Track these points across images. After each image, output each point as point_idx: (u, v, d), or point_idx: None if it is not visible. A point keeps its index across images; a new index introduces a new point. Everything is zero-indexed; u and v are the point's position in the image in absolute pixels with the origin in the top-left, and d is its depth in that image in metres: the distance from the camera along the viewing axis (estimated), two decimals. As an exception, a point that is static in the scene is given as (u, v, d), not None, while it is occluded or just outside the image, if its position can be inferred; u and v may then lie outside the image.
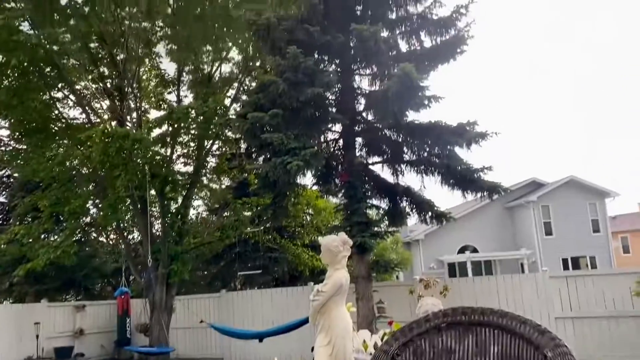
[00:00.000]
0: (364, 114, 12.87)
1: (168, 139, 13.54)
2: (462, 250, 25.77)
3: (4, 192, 19.04)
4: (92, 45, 13.32)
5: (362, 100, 12.87)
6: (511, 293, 11.66)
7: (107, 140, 11.32)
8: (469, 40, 11.65)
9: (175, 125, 13.10)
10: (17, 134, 13.71)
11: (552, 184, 26.28)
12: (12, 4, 11.92)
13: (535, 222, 25.00)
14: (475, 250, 25.67)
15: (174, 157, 14.59)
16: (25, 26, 11.91)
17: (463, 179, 11.59)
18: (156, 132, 13.49)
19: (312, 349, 4.19)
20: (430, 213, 12.54)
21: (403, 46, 12.44)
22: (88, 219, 16.58)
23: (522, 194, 25.77)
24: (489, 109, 57.98)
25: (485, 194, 11.70)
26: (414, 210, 12.84)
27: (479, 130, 11.03)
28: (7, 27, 10.61)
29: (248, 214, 17.01)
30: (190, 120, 12.75)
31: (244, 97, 14.50)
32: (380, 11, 12.21)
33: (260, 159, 12.90)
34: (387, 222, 13.41)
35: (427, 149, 12.09)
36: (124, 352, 15.31)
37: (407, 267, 26.06)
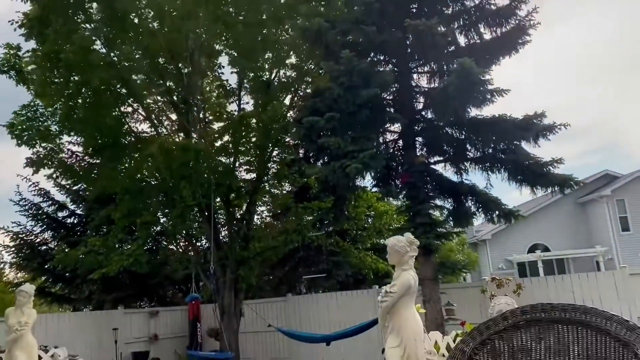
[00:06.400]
0: (423, 113, 12.67)
1: (230, 149, 13.87)
2: (532, 250, 24.73)
3: (80, 205, 20.16)
4: (159, 60, 13.92)
5: (421, 99, 12.69)
6: (587, 293, 11.07)
7: (168, 153, 11.78)
8: (531, 29, 11.23)
9: (237, 135, 13.41)
10: (90, 149, 14.50)
11: (627, 176, 24.74)
12: (87, 25, 12.65)
13: (610, 217, 23.63)
14: (546, 249, 24.57)
15: (237, 165, 14.92)
16: (97, 45, 12.62)
17: (532, 174, 11.15)
18: (220, 142, 13.89)
19: (383, 351, 4.15)
20: (497, 212, 12.12)
21: (461, 40, 12.18)
22: (158, 229, 17.28)
23: (594, 188, 24.44)
24: (557, 97, 55.16)
25: (556, 188, 11.19)
26: (480, 210, 12.46)
27: (547, 123, 10.58)
28: (83, 48, 11.26)
29: (310, 218, 17.15)
30: (250, 129, 13.03)
31: (301, 103, 14.68)
32: (436, 7, 12.01)
33: (319, 163, 12.98)
34: (451, 223, 13.11)
35: (492, 145, 11.72)
36: (194, 357, 15.81)
37: (475, 269, 25.36)
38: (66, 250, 14.28)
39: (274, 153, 15.69)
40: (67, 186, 19.75)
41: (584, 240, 24.62)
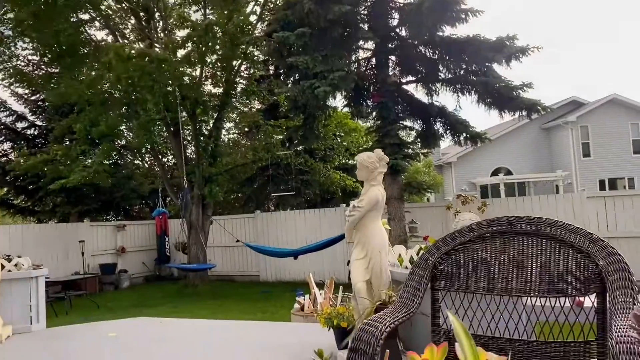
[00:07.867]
0: (397, 30, 12.31)
1: (194, 59, 13.25)
2: (495, 173, 25.43)
3: (40, 116, 19.41)
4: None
5: (396, 15, 12.26)
6: (547, 213, 11.51)
7: (127, 61, 11.19)
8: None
9: (200, 45, 12.75)
10: (48, 58, 13.66)
11: (592, 103, 25.18)
12: None
13: (573, 143, 24.26)
14: (509, 173, 25.30)
15: (203, 78, 14.40)
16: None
17: (501, 97, 11.15)
18: (183, 52, 13.22)
19: (348, 263, 4.23)
20: (465, 134, 12.23)
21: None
22: (123, 142, 16.86)
23: (560, 114, 24.83)
24: (529, 22, 54.78)
25: (523, 113, 11.27)
26: (448, 132, 12.53)
27: (520, 45, 10.45)
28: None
29: (279, 137, 16.98)
30: (215, 39, 12.37)
31: (272, 15, 14.01)
32: None
33: (290, 80, 12.64)
34: (419, 144, 13.21)
35: (464, 66, 11.57)
36: (164, 269, 16.11)
37: (439, 190, 26.05)
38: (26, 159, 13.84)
39: (242, 68, 15.16)
40: (25, 96, 18.87)
41: (546, 164, 25.38)
